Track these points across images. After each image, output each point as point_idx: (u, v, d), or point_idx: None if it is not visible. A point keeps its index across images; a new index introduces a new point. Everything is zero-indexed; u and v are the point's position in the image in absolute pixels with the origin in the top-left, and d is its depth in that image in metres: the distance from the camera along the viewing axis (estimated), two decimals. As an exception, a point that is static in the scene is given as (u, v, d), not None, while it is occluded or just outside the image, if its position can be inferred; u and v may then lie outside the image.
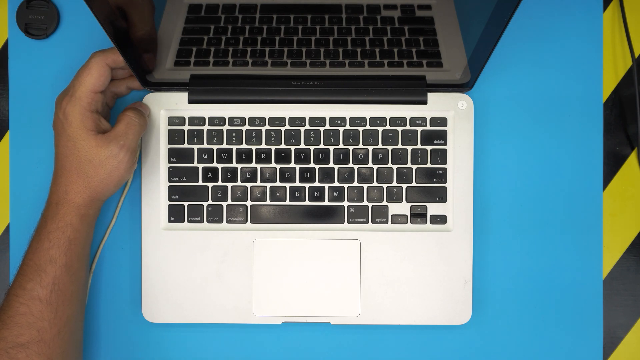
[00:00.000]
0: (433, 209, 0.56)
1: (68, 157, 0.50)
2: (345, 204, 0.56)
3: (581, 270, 0.57)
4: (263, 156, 0.56)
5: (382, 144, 0.56)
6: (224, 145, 0.56)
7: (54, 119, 0.51)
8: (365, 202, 0.56)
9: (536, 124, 0.58)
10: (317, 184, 0.56)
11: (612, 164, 0.59)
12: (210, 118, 0.56)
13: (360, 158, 0.56)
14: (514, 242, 0.58)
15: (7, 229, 0.58)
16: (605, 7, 0.59)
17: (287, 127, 0.56)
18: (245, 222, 0.56)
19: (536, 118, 0.58)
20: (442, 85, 0.56)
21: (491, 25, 0.47)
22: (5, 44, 0.58)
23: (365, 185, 0.56)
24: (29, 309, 0.48)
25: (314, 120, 0.56)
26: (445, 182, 0.56)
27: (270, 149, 0.56)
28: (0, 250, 0.58)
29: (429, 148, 0.56)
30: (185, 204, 0.56)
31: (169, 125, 0.56)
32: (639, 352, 0.58)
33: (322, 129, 0.56)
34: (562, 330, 0.57)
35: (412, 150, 0.56)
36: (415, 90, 0.56)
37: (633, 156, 0.59)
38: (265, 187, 0.56)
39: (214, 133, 0.56)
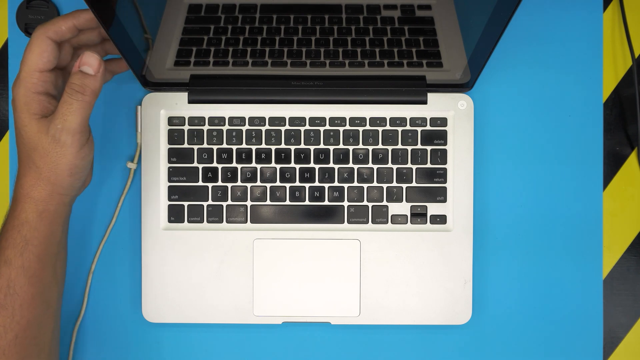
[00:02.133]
0: (433, 209, 0.56)
1: (19, 146, 0.46)
2: (345, 204, 0.56)
3: (581, 270, 0.57)
4: (263, 156, 0.56)
5: (382, 144, 0.56)
6: (224, 145, 0.56)
7: None
8: (365, 202, 0.56)
9: (536, 124, 0.58)
10: (317, 184, 0.56)
11: (612, 164, 0.59)
12: (210, 118, 0.56)
13: (360, 158, 0.56)
14: (513, 242, 0.57)
15: (7, 229, 0.58)
16: (605, 7, 0.59)
17: (287, 127, 0.56)
18: (245, 222, 0.56)
19: (536, 118, 0.58)
20: (442, 85, 0.56)
21: (491, 25, 0.47)
22: (5, 44, 0.58)
23: (365, 185, 0.56)
24: None
25: (314, 120, 0.56)
26: (445, 182, 0.56)
27: (270, 149, 0.56)
28: None
29: (429, 148, 0.56)
30: (185, 204, 0.56)
31: (169, 125, 0.56)
32: (639, 352, 0.58)
33: (322, 129, 0.56)
34: (562, 330, 0.57)
35: (412, 150, 0.56)
36: (415, 90, 0.56)
37: (633, 156, 0.59)
38: (265, 187, 0.56)
39: (214, 133, 0.56)
